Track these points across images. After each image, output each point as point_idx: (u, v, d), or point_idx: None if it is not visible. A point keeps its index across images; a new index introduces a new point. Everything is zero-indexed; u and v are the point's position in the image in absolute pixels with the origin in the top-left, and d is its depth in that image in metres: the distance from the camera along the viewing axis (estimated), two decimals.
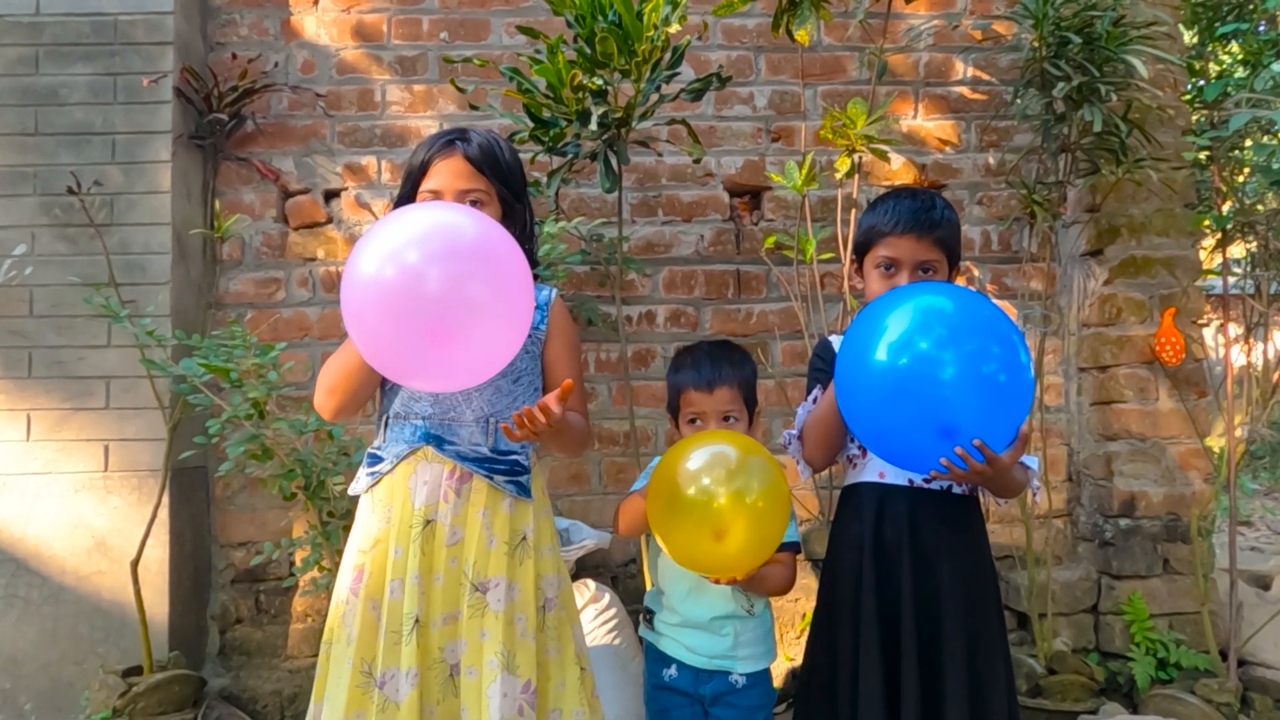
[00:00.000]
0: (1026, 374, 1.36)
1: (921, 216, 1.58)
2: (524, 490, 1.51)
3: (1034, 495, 1.69)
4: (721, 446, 1.53)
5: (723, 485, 1.47)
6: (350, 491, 1.57)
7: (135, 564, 2.27)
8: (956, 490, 1.60)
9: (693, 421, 1.72)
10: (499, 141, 1.54)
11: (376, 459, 1.52)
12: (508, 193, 1.53)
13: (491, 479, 1.48)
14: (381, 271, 1.23)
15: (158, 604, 2.34)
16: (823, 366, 1.69)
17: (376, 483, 1.51)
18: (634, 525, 1.70)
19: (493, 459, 1.49)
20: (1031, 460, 1.58)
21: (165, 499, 2.33)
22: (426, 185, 1.49)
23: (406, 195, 1.53)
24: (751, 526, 1.47)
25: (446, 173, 1.48)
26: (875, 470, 1.63)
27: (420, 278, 1.22)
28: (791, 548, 1.74)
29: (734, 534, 1.46)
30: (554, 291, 1.61)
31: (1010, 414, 1.37)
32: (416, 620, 1.40)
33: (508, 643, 1.42)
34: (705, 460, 1.50)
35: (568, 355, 1.58)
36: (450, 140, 1.50)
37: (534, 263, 1.65)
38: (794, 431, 1.69)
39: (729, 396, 1.71)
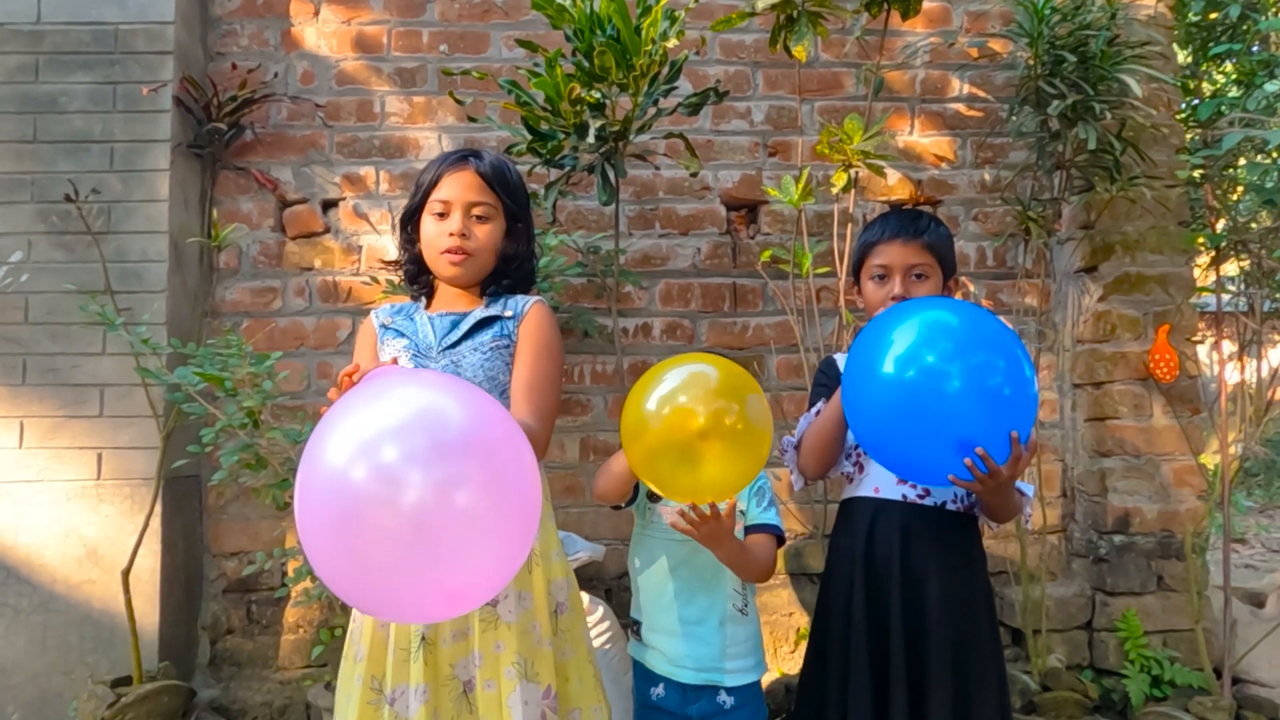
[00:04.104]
0: (1030, 388, 1.37)
1: (907, 224, 1.66)
2: None
3: (1025, 521, 1.70)
4: (698, 365, 1.47)
5: (701, 403, 1.39)
6: None
7: (126, 573, 2.26)
8: (951, 507, 1.60)
9: None
10: (507, 162, 1.64)
11: None
12: (514, 207, 1.60)
13: None
14: (345, 479, 1.02)
15: (148, 614, 2.33)
16: (826, 382, 1.74)
17: None
18: (611, 482, 1.65)
19: None
20: (1028, 487, 1.59)
21: (158, 508, 2.31)
22: (437, 195, 1.58)
23: (416, 206, 1.61)
24: (730, 440, 1.39)
25: (458, 185, 1.57)
26: (871, 485, 1.63)
27: (397, 487, 1.01)
28: (772, 530, 1.71)
29: (712, 444, 1.38)
30: (530, 301, 1.61)
31: (1014, 424, 1.37)
32: (423, 638, 1.41)
33: (524, 651, 1.43)
34: (682, 376, 1.43)
35: (529, 356, 1.56)
36: (464, 155, 1.60)
37: (531, 279, 1.69)
38: (793, 440, 1.70)
39: None
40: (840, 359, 1.75)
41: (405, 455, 1.02)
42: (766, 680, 1.78)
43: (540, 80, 2.11)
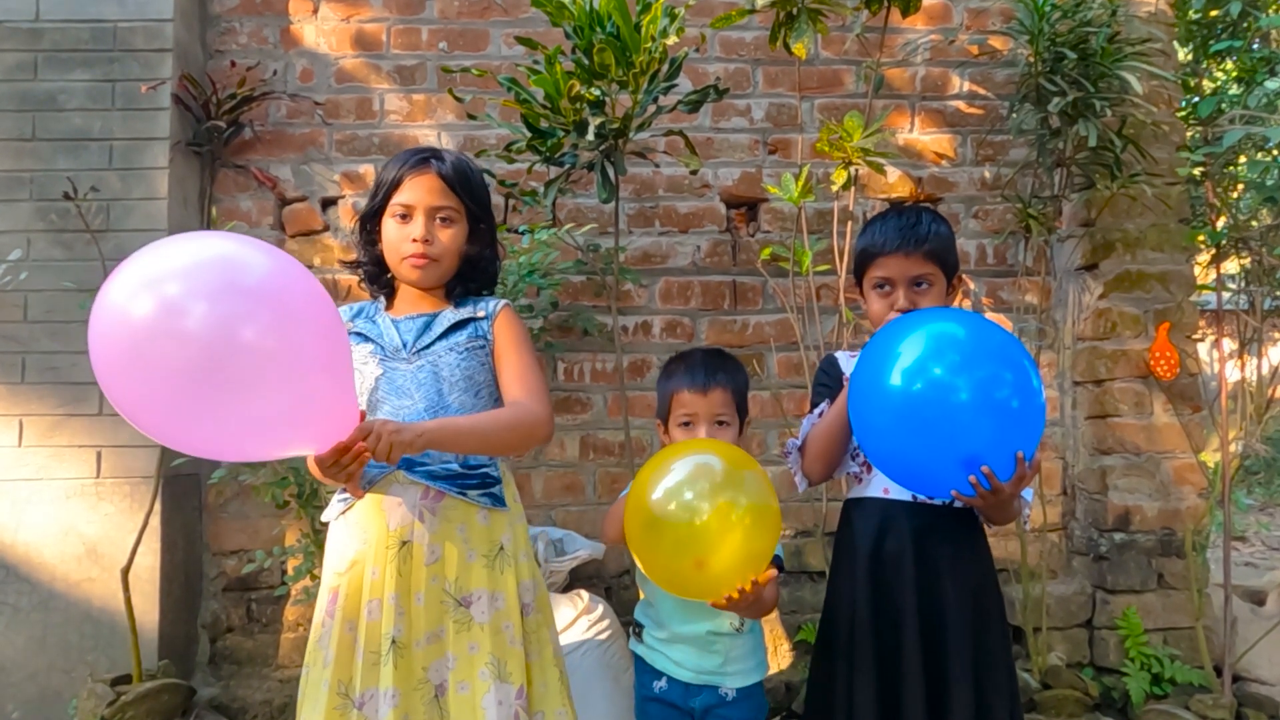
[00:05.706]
0: (1038, 399, 1.37)
1: (907, 234, 1.61)
2: (498, 500, 1.52)
3: (1024, 524, 1.70)
4: (704, 456, 1.44)
5: (705, 500, 1.37)
6: (323, 518, 1.57)
7: (126, 571, 2.26)
8: (958, 504, 1.60)
9: (684, 425, 1.69)
10: (469, 163, 1.61)
11: None
12: (476, 209, 1.58)
13: (465, 495, 1.48)
14: (132, 307, 1.07)
15: (148, 612, 2.32)
16: (827, 382, 1.72)
17: (349, 507, 1.51)
18: (621, 533, 1.68)
19: (464, 475, 1.50)
20: (1026, 492, 1.59)
21: (157, 506, 2.31)
22: (398, 199, 1.54)
23: (377, 209, 1.57)
24: (738, 544, 1.38)
25: (420, 188, 1.53)
26: (880, 486, 1.63)
27: (180, 316, 1.06)
28: (774, 562, 1.72)
29: (718, 556, 1.37)
30: (500, 303, 1.61)
31: (1022, 438, 1.37)
32: (394, 642, 1.40)
33: (497, 652, 1.43)
34: (686, 474, 1.41)
35: (513, 348, 1.57)
36: (425, 158, 1.55)
37: (494, 281, 1.68)
38: (796, 442, 1.69)
39: (722, 399, 1.68)
40: (840, 356, 1.74)
41: (190, 290, 1.07)
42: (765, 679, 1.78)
43: (540, 78, 2.11)
